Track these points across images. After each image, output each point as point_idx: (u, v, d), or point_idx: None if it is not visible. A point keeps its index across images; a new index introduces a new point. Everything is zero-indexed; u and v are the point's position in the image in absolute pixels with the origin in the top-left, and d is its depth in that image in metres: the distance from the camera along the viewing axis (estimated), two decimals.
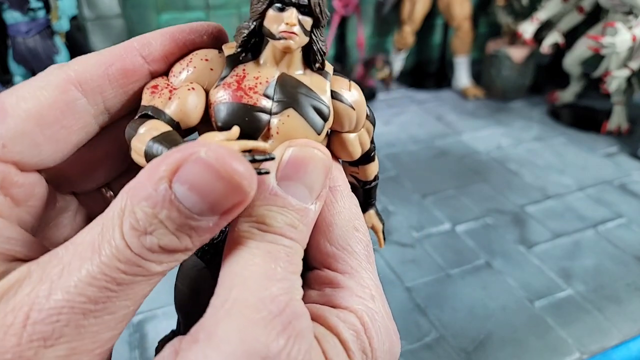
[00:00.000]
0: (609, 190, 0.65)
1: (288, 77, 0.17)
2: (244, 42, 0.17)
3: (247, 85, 0.16)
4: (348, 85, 0.18)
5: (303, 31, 0.16)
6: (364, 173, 0.21)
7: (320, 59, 0.17)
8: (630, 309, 0.46)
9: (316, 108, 0.17)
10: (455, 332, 0.43)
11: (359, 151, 0.19)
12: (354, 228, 0.18)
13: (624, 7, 0.68)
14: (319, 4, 0.16)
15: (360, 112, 0.18)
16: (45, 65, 0.76)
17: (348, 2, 0.88)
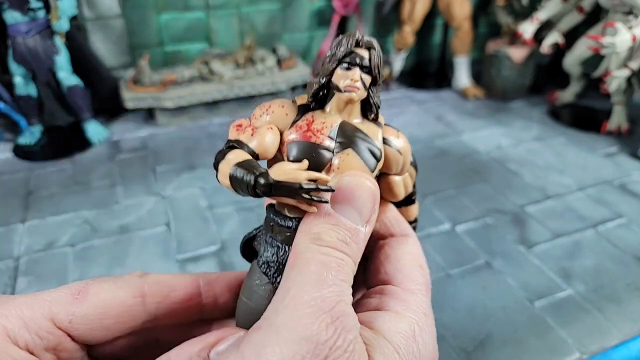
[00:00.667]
0: (609, 190, 0.65)
1: (348, 124, 0.20)
2: (315, 94, 0.20)
3: (315, 128, 0.20)
4: (396, 134, 0.21)
5: (363, 86, 0.20)
6: (406, 214, 0.24)
7: (375, 110, 0.21)
8: (630, 309, 0.45)
9: (370, 150, 0.20)
10: (455, 332, 0.43)
11: (403, 193, 0.22)
12: (419, 265, 0.21)
13: (624, 7, 0.68)
14: (377, 65, 0.20)
15: (406, 157, 0.22)
16: (45, 66, 0.76)
17: (348, 2, 0.88)
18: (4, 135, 0.77)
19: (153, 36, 0.86)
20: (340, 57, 0.20)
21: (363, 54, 0.20)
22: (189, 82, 0.82)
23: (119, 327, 0.20)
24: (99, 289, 0.20)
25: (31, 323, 0.18)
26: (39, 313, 0.18)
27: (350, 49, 0.20)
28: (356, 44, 0.20)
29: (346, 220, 0.18)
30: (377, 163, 0.20)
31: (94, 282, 0.20)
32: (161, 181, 0.66)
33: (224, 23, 0.89)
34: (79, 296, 0.19)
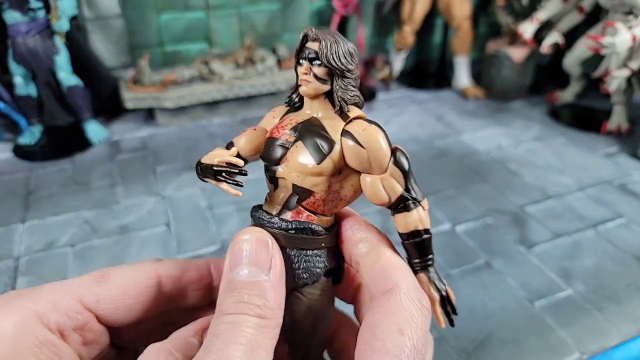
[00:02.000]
0: (609, 190, 0.65)
1: (314, 119, 0.20)
2: (288, 96, 0.21)
3: (281, 125, 0.20)
4: (364, 126, 0.20)
5: (317, 79, 0.19)
6: (400, 224, 0.20)
7: (338, 103, 0.20)
8: (630, 309, 0.45)
9: (321, 142, 0.19)
10: (455, 332, 0.43)
11: (385, 195, 0.20)
12: (399, 331, 0.18)
13: (624, 7, 0.68)
14: (325, 55, 0.19)
15: (375, 152, 0.19)
16: (45, 66, 0.76)
17: (348, 2, 0.88)
18: (4, 135, 0.76)
19: (153, 36, 0.86)
20: (295, 55, 0.20)
21: (312, 47, 0.19)
22: (189, 82, 0.82)
23: (139, 308, 0.21)
24: (118, 272, 0.21)
25: (61, 305, 0.20)
26: (68, 295, 0.20)
27: (301, 44, 0.20)
28: (305, 38, 0.20)
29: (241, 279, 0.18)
30: (326, 155, 0.19)
31: (113, 268, 0.22)
32: (161, 181, 0.66)
33: (224, 23, 0.89)
34: (102, 279, 0.21)
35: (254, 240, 0.19)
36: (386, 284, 0.19)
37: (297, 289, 0.20)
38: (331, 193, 0.20)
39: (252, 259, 0.19)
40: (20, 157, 0.71)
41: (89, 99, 0.75)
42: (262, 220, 0.20)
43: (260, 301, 0.18)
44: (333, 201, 0.20)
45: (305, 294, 0.20)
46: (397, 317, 0.18)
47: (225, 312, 0.18)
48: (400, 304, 0.18)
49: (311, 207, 0.20)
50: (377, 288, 0.19)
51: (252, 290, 0.18)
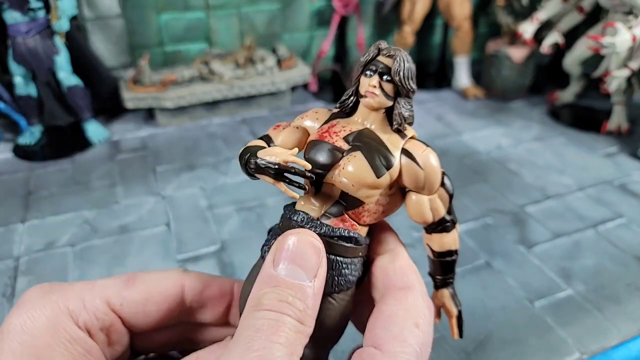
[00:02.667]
0: (609, 190, 0.65)
1: (369, 130, 0.20)
2: (343, 100, 0.21)
3: (334, 130, 0.20)
4: (423, 148, 0.21)
5: (384, 94, 0.20)
6: (437, 243, 0.22)
7: (398, 121, 0.20)
8: (630, 308, 0.45)
9: (382, 156, 0.19)
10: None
11: (430, 215, 0.21)
12: (415, 324, 0.19)
13: (624, 7, 0.68)
14: (398, 73, 0.19)
15: (430, 174, 0.21)
16: (45, 66, 0.76)
17: (348, 2, 0.88)
18: (4, 135, 0.77)
19: (153, 36, 0.86)
20: (363, 65, 0.20)
21: (384, 62, 0.20)
22: (189, 82, 0.82)
23: (159, 315, 0.22)
24: (145, 277, 0.22)
25: (89, 305, 0.20)
26: (97, 296, 0.21)
27: (373, 56, 0.20)
28: (379, 52, 0.20)
29: (288, 279, 0.18)
30: (387, 171, 0.20)
31: (141, 273, 0.22)
32: (161, 181, 0.66)
33: (224, 23, 0.89)
34: (129, 282, 0.22)
35: (306, 242, 0.19)
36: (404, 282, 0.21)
37: (331, 295, 0.20)
38: (378, 205, 0.21)
39: (300, 261, 0.19)
40: (21, 157, 0.71)
41: (89, 99, 0.75)
42: (304, 222, 0.20)
43: (302, 305, 0.18)
44: (376, 213, 0.21)
45: (338, 299, 0.21)
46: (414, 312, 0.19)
47: (266, 307, 0.17)
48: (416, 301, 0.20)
49: (356, 217, 0.21)
50: (395, 283, 0.21)
51: (296, 293, 0.18)
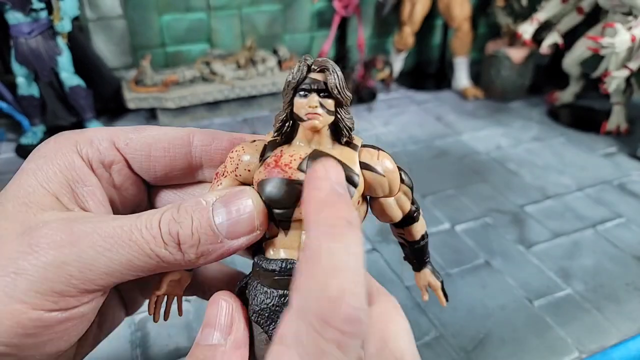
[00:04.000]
0: (608, 190, 0.65)
1: (319, 152, 0.19)
2: (279, 128, 0.20)
3: (283, 162, 0.19)
4: (377, 154, 0.20)
5: (326, 111, 0.19)
6: (410, 234, 0.22)
7: (347, 134, 0.20)
8: (629, 308, 0.46)
9: (346, 176, 0.18)
10: (454, 331, 0.43)
11: (399, 214, 0.21)
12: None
13: (624, 7, 0.69)
14: (336, 86, 0.18)
15: (392, 178, 0.20)
16: (47, 66, 0.76)
17: (348, 3, 0.88)
18: (6, 135, 0.77)
19: (155, 37, 0.86)
20: (295, 86, 0.19)
21: (317, 78, 0.19)
22: (190, 83, 0.82)
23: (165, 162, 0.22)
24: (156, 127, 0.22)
25: (95, 140, 0.21)
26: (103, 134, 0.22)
27: (304, 74, 0.19)
28: (308, 69, 0.19)
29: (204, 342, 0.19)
30: (355, 189, 0.19)
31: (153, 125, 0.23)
32: None
33: (225, 24, 0.89)
34: (137, 128, 0.22)
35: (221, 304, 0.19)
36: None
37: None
38: None
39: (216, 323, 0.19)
40: (23, 157, 0.72)
41: (91, 99, 0.75)
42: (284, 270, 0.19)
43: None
44: None
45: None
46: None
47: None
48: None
49: None
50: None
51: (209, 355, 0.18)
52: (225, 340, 0.18)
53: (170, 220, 0.18)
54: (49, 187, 0.19)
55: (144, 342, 0.41)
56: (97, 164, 0.21)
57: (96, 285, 0.18)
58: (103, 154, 0.21)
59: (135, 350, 0.41)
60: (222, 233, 0.18)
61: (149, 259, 0.17)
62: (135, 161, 0.22)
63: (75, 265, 0.17)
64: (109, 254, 0.17)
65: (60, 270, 0.17)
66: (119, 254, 0.17)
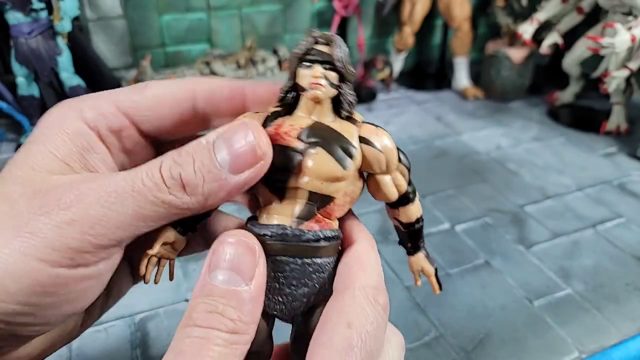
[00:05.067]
0: (608, 190, 0.65)
1: (319, 123, 0.19)
2: (282, 98, 0.20)
3: (282, 131, 0.19)
4: (375, 131, 0.20)
5: (329, 83, 0.19)
6: (405, 215, 0.22)
7: (348, 108, 0.20)
8: (629, 308, 0.46)
9: (344, 147, 0.19)
10: (454, 331, 0.43)
11: (395, 192, 0.21)
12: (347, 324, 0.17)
13: (624, 7, 0.69)
14: (340, 59, 0.19)
15: (389, 155, 0.20)
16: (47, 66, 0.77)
17: (348, 3, 0.88)
18: (6, 135, 0.77)
19: (155, 37, 0.86)
20: (300, 56, 0.19)
21: (322, 49, 0.19)
22: None
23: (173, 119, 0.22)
24: (156, 85, 0.22)
25: (98, 106, 0.21)
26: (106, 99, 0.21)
27: (310, 46, 0.19)
28: (315, 41, 0.19)
29: (221, 285, 0.17)
30: (352, 161, 0.19)
31: (153, 82, 0.23)
32: None
33: (225, 24, 0.89)
34: (138, 88, 0.22)
35: (240, 244, 0.18)
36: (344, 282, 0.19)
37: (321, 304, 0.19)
38: (346, 197, 0.20)
39: (235, 265, 0.17)
40: None
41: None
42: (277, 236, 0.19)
43: (235, 314, 0.17)
44: (344, 205, 0.21)
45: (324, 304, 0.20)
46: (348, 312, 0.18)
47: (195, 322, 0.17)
48: (352, 299, 0.18)
49: (327, 214, 0.20)
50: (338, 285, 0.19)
51: (229, 301, 0.17)
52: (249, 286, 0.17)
53: (171, 164, 0.18)
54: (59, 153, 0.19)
55: (144, 342, 0.41)
56: (106, 131, 0.21)
57: (110, 240, 0.18)
58: (110, 120, 0.21)
59: (135, 350, 0.41)
60: (225, 168, 0.17)
61: (157, 207, 0.17)
62: (143, 123, 0.22)
63: (85, 222, 0.17)
64: (116, 207, 0.17)
65: (72, 227, 0.17)
66: (126, 207, 0.17)
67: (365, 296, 0.18)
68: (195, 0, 0.85)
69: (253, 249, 0.18)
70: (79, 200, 0.17)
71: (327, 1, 0.93)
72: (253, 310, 0.17)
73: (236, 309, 0.17)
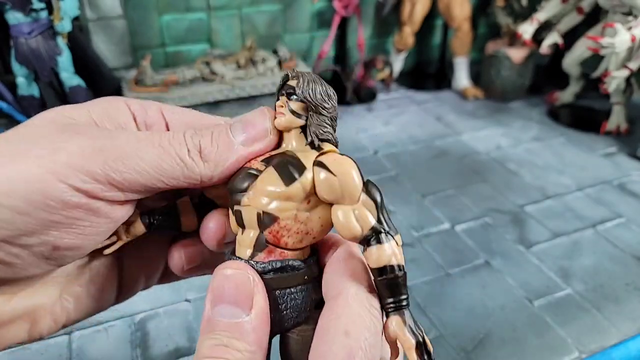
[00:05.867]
0: (608, 190, 0.65)
1: (288, 151, 0.20)
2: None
3: (257, 158, 0.21)
4: (337, 158, 0.19)
5: (292, 112, 0.20)
6: (371, 258, 0.19)
7: (312, 136, 0.20)
8: (629, 308, 0.46)
9: (293, 167, 0.19)
10: (454, 331, 0.43)
11: (357, 227, 0.19)
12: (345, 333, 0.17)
13: (624, 7, 0.69)
14: (302, 90, 0.20)
15: (345, 180, 0.19)
16: (47, 66, 0.77)
17: (348, 3, 0.88)
18: None
19: (155, 37, 0.86)
20: (277, 92, 0.21)
21: (291, 83, 0.20)
22: (190, 83, 0.82)
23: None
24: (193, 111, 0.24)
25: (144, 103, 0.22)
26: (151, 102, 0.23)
27: (282, 83, 0.21)
28: (287, 78, 0.21)
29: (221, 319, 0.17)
30: (298, 180, 0.19)
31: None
32: None
33: (225, 24, 0.89)
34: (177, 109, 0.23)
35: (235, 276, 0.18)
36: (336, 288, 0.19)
37: (290, 330, 0.20)
38: (297, 223, 0.19)
39: (232, 298, 0.18)
40: None
41: (91, 99, 0.75)
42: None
43: (241, 345, 0.17)
44: (298, 233, 0.19)
45: (299, 332, 0.20)
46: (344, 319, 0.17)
47: (204, 355, 0.17)
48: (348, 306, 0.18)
49: (276, 240, 0.19)
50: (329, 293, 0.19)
51: (233, 333, 0.17)
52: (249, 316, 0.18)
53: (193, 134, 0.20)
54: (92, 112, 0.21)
55: (144, 342, 0.41)
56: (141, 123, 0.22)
57: (124, 181, 0.18)
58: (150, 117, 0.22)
59: (135, 350, 0.41)
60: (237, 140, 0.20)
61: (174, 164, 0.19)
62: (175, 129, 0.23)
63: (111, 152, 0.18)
64: (140, 152, 0.18)
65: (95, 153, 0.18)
66: (149, 154, 0.19)
67: (360, 303, 0.18)
68: (195, 0, 0.85)
69: (247, 278, 0.18)
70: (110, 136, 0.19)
71: (327, 1, 0.93)
72: (257, 338, 0.18)
73: (240, 340, 0.17)
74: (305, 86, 0.20)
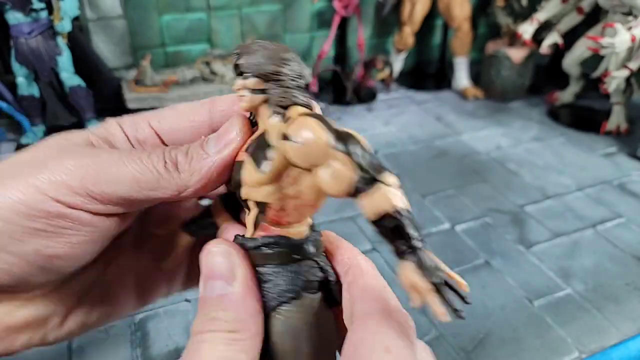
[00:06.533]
0: (608, 190, 0.65)
1: (264, 132, 0.19)
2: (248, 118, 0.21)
3: (243, 148, 0.20)
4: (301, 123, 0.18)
5: (250, 91, 0.19)
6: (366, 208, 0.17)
7: (275, 109, 0.19)
8: (629, 308, 0.46)
9: (263, 151, 0.19)
10: (454, 331, 0.43)
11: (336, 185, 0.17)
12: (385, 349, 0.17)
13: (624, 7, 0.69)
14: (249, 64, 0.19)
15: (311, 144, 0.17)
16: (47, 66, 0.77)
17: (348, 3, 0.88)
18: (6, 135, 0.77)
19: (155, 37, 0.86)
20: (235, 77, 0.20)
21: (239, 62, 0.19)
22: (190, 83, 0.82)
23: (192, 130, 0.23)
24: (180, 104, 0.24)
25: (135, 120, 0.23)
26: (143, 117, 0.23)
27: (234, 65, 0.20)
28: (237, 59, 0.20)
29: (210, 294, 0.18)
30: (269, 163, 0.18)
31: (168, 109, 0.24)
32: None
33: (225, 24, 0.89)
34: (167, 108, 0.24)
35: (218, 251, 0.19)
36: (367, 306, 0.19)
37: (275, 309, 0.19)
38: (290, 200, 0.19)
39: (218, 272, 0.19)
40: None
41: (91, 99, 0.75)
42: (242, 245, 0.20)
43: (228, 316, 0.18)
44: (296, 209, 0.19)
45: (283, 313, 0.19)
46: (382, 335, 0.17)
47: (194, 332, 0.18)
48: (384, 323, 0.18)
49: (276, 221, 0.19)
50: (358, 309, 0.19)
51: (219, 305, 0.18)
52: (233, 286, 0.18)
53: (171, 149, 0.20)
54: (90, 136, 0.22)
55: (144, 342, 0.41)
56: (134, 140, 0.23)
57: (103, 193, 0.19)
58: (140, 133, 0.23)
59: (135, 350, 0.41)
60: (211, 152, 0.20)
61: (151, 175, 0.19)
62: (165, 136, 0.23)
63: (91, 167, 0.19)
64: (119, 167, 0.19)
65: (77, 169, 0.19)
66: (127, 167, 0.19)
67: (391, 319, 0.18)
68: (195, 0, 0.85)
69: (226, 251, 0.19)
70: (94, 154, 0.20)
71: (327, 1, 0.93)
72: (247, 306, 0.18)
73: (227, 310, 0.18)
74: (251, 59, 0.19)
